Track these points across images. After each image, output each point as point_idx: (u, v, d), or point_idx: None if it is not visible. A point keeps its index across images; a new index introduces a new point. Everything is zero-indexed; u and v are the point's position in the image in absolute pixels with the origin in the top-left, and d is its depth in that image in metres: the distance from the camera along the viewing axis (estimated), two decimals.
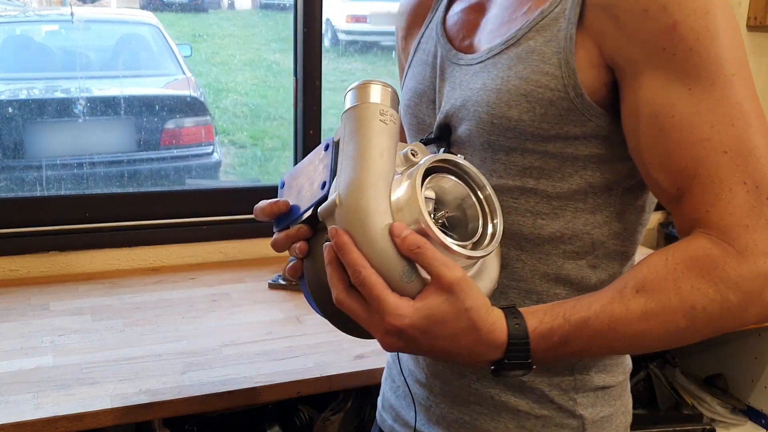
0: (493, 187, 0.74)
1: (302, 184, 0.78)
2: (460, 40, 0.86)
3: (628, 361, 0.89)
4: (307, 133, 1.91)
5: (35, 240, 1.71)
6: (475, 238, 0.70)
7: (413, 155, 0.74)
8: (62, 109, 2.49)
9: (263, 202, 0.79)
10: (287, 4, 2.39)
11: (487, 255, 0.70)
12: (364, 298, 0.66)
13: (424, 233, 0.66)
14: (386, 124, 0.72)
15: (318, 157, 0.78)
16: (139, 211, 1.81)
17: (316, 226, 0.75)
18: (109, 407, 1.14)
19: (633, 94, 0.70)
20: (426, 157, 0.71)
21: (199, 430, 1.48)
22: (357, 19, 6.13)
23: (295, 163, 1.99)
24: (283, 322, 1.52)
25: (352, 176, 0.69)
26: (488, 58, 0.79)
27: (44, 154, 2.35)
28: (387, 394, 0.99)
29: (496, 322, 0.67)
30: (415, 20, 0.96)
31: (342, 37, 6.10)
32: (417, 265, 0.65)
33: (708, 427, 1.72)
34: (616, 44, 0.70)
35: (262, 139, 4.58)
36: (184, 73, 2.98)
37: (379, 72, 5.97)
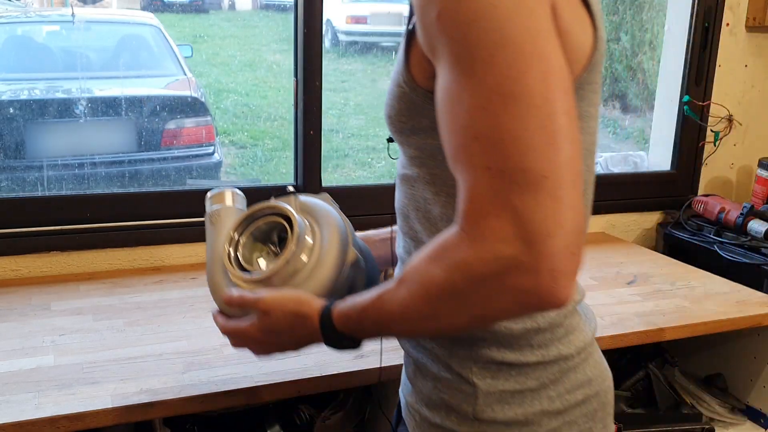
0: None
1: None
2: None
3: (540, 340, 0.84)
4: (308, 134, 1.91)
5: (36, 240, 1.72)
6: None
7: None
8: (63, 109, 2.50)
9: None
10: (287, 5, 2.39)
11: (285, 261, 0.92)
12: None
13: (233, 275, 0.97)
14: (213, 224, 1.02)
15: None
16: (140, 211, 1.82)
17: None
18: (110, 407, 1.14)
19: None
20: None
21: (199, 430, 1.49)
22: (357, 19, 6.14)
23: (296, 162, 2.00)
24: None
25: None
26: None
27: (45, 155, 2.35)
28: None
29: (314, 310, 0.86)
30: None
31: (342, 37, 6.11)
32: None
33: (707, 426, 1.72)
34: (420, 37, 0.74)
35: (262, 139, 4.58)
36: (184, 74, 2.99)
37: (379, 72, 5.97)
